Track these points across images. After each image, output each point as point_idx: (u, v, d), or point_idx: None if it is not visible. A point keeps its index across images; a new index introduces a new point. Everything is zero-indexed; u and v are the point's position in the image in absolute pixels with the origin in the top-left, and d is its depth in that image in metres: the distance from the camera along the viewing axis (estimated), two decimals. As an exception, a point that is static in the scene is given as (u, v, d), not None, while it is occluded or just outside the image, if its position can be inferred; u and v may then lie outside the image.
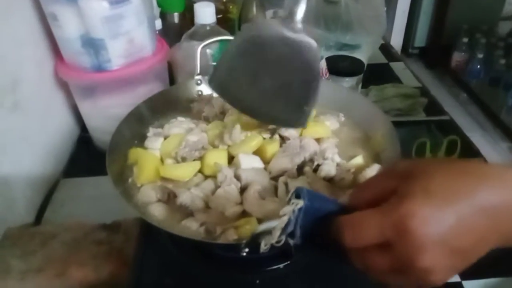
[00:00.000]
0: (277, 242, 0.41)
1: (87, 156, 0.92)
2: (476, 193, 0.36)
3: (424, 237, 0.34)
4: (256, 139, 0.64)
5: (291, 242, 0.41)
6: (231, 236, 0.53)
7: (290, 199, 0.41)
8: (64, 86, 0.90)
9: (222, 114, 0.73)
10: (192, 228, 0.55)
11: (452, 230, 0.35)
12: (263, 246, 0.42)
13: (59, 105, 0.93)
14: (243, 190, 0.59)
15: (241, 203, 0.58)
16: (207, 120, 0.73)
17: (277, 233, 0.40)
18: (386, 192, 0.38)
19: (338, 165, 0.62)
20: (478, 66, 2.66)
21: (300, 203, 0.40)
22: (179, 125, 0.67)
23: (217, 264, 0.61)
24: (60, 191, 0.84)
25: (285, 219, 0.40)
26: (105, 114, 0.84)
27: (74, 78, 0.83)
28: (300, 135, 0.67)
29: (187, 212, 0.57)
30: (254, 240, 0.44)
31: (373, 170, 0.61)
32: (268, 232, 0.42)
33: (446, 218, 0.35)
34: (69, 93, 0.90)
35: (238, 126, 0.64)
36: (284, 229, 0.40)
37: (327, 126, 0.70)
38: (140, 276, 0.61)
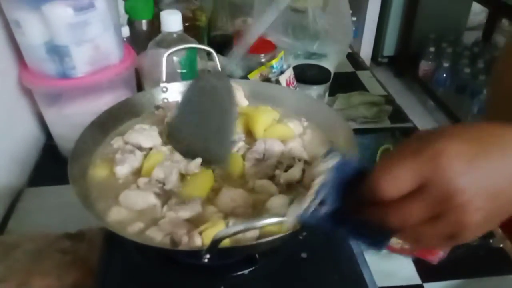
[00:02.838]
0: (307, 209, 0.39)
1: (52, 165, 0.90)
2: (505, 159, 0.37)
3: (459, 169, 0.35)
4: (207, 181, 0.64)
5: (322, 211, 0.39)
6: (194, 243, 0.53)
7: (325, 157, 0.39)
8: (28, 93, 0.89)
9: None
10: (156, 239, 0.54)
11: (486, 173, 0.36)
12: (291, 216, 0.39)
13: (23, 112, 0.92)
14: None
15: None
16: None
17: (308, 199, 0.38)
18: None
19: (307, 163, 0.63)
20: (445, 75, 2.74)
21: (336, 158, 0.39)
22: (141, 132, 0.67)
23: (182, 270, 0.61)
24: (24, 201, 0.83)
25: (320, 179, 0.38)
26: (70, 121, 0.82)
27: (38, 85, 0.82)
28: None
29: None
30: (215, 246, 0.44)
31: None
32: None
33: (479, 165, 0.36)
34: (34, 100, 0.88)
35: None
36: (318, 192, 0.39)
37: (290, 127, 0.71)
38: (104, 285, 0.60)
